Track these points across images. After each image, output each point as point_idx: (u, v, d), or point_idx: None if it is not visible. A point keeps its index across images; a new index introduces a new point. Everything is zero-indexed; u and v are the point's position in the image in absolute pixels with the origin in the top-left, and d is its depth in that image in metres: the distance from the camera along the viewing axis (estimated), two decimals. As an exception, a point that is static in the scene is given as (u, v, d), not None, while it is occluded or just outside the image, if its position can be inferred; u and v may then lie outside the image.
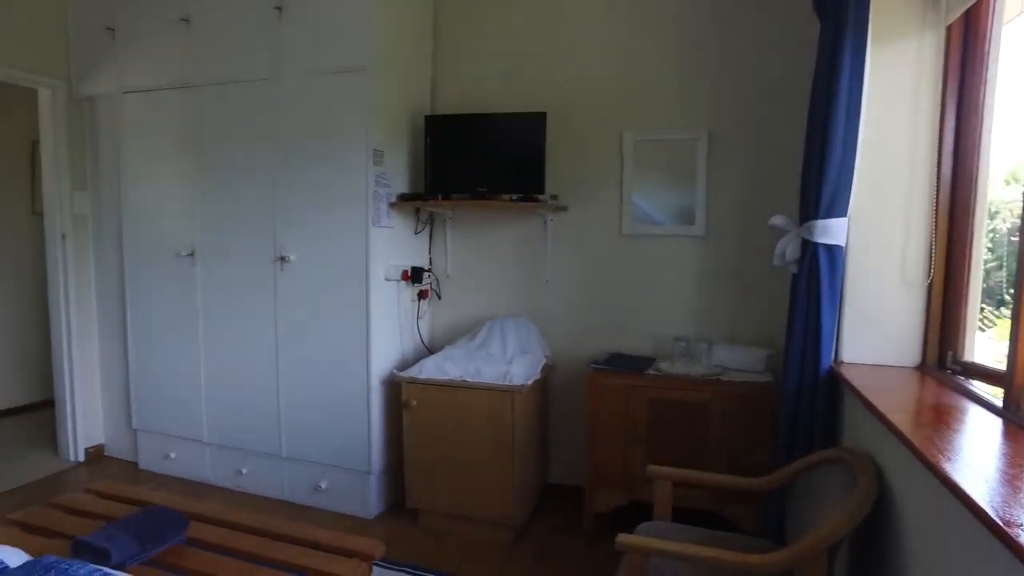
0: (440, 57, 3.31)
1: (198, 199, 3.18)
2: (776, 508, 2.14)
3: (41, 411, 4.46)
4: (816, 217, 2.04)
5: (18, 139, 4.51)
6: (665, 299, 3.01)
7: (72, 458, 3.66)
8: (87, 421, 3.68)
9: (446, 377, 2.72)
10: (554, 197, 3.02)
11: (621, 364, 2.75)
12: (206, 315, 3.22)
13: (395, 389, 2.94)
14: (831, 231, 2.02)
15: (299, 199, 2.93)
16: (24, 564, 1.47)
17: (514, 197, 2.84)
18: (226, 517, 2.00)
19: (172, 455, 3.42)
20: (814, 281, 2.08)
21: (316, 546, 1.85)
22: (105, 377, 3.67)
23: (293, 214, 2.95)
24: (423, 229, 3.25)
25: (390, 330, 3.00)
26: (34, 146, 4.52)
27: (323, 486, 3.02)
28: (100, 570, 1.42)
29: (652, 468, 1.98)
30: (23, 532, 1.87)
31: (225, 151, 3.10)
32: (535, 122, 2.88)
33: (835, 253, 2.04)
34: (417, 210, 3.17)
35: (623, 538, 1.56)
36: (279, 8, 2.91)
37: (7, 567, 1.49)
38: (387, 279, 2.93)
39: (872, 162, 2.03)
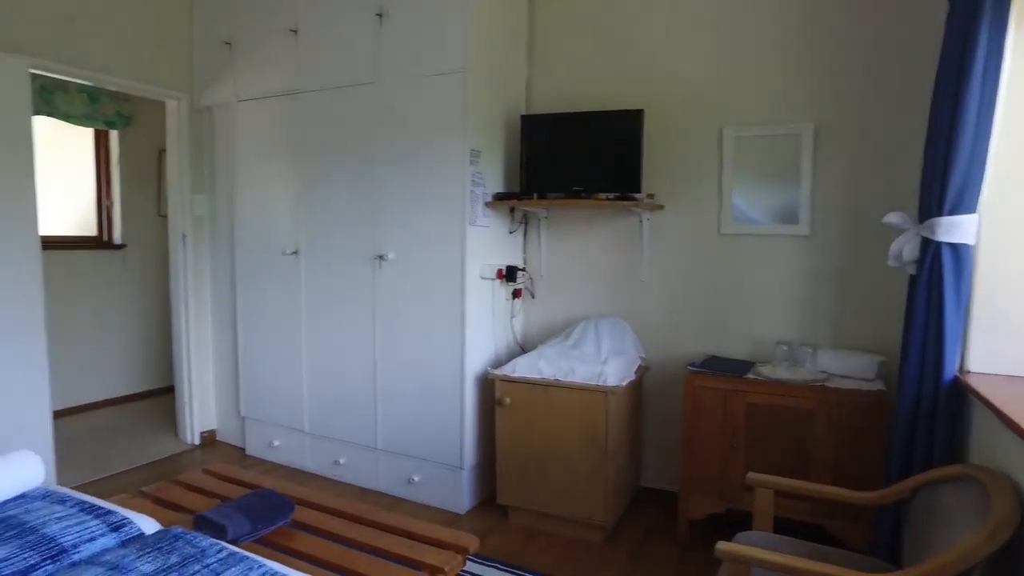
0: (535, 56, 3.32)
1: (302, 199, 3.34)
2: (889, 526, 2.01)
3: (164, 396, 4.83)
4: (940, 214, 1.89)
5: (148, 149, 4.91)
6: (765, 301, 2.89)
7: (189, 441, 3.93)
8: (202, 408, 3.95)
9: (539, 376, 2.73)
10: (650, 196, 2.96)
11: (719, 367, 2.66)
12: (309, 310, 3.38)
13: (488, 386, 2.97)
14: (958, 229, 1.87)
15: (397, 199, 3.02)
16: (156, 532, 1.60)
17: (610, 196, 2.81)
18: (327, 503, 2.09)
19: (276, 443, 3.61)
20: (936, 283, 1.92)
21: (410, 536, 1.89)
22: (217, 367, 3.93)
23: (391, 214, 3.04)
24: (518, 228, 3.28)
25: (484, 328, 3.04)
26: (160, 154, 4.92)
27: (416, 479, 3.10)
28: (218, 544, 1.52)
29: (753, 476, 1.90)
30: (153, 504, 2.04)
31: (328, 153, 3.24)
32: (632, 120, 2.83)
33: (962, 253, 1.89)
34: (512, 209, 3.20)
35: (723, 546, 1.50)
36: (380, 15, 3.01)
37: (142, 533, 1.62)
38: (482, 277, 2.97)
39: (1009, 153, 1.86)
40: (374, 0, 3.01)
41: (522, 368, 2.78)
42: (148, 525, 1.69)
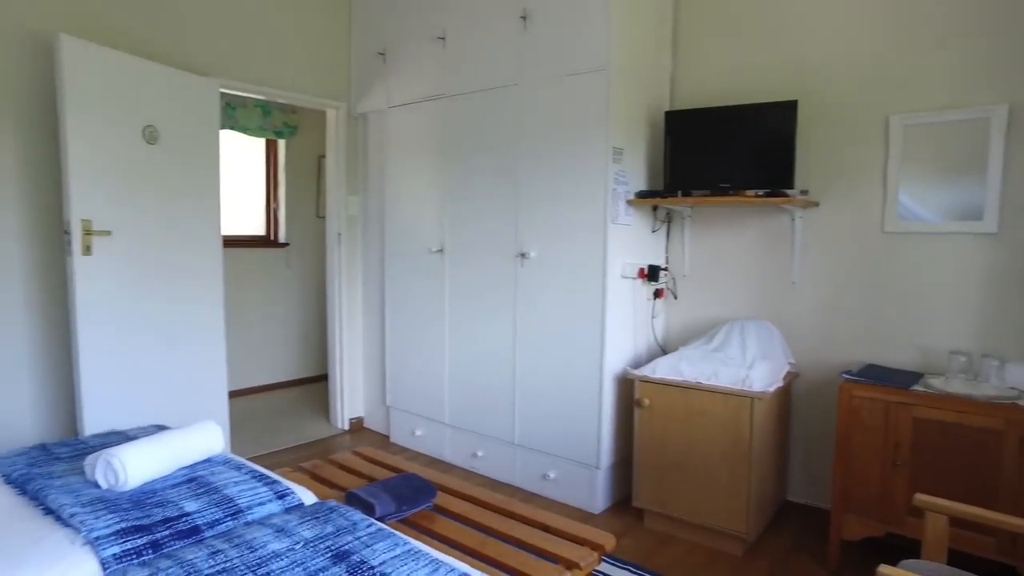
0: (679, 50, 3.23)
1: (447, 199, 3.48)
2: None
3: (318, 384, 5.24)
4: None
5: (310, 155, 5.35)
6: (937, 306, 2.61)
7: (339, 426, 4.22)
8: (351, 396, 4.23)
9: (680, 378, 2.64)
10: (804, 192, 2.78)
11: (880, 377, 2.43)
12: (452, 306, 3.51)
13: (627, 387, 2.93)
14: None
15: (540, 198, 3.06)
16: (313, 504, 1.72)
17: (760, 193, 2.67)
18: (466, 491, 2.16)
19: (418, 432, 3.78)
20: None
21: (546, 529, 1.90)
22: (366, 359, 4.19)
23: (534, 212, 3.09)
24: (661, 227, 3.20)
25: (624, 328, 3.00)
26: (320, 160, 5.34)
27: (551, 476, 3.11)
28: (367, 519, 1.61)
29: (923, 498, 1.72)
30: (310, 479, 2.21)
31: (472, 154, 3.34)
32: (784, 112, 2.67)
33: None
34: (655, 208, 3.13)
35: (888, 571, 1.37)
36: (524, 17, 3.07)
37: (302, 503, 1.76)
38: (623, 276, 2.93)
39: None
40: (518, 3, 3.07)
41: (662, 369, 2.71)
42: (307, 497, 1.84)
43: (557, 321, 3.03)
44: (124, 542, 1.49)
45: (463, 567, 1.40)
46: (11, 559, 1.40)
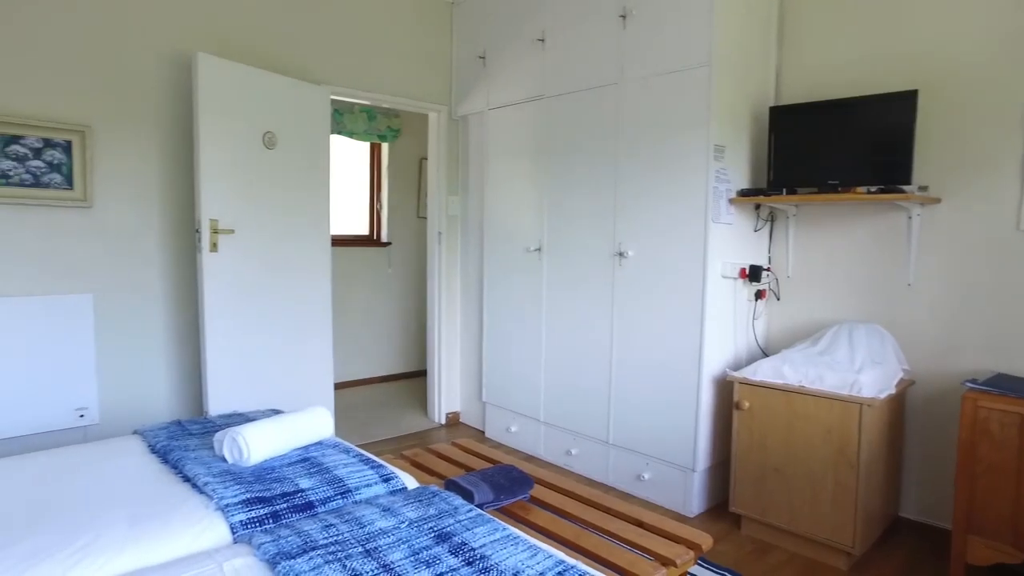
0: (786, 43, 3.11)
1: (546, 198, 3.53)
2: None
3: (416, 379, 5.43)
4: None
5: (411, 158, 5.56)
6: (1081, 313, 2.38)
7: (436, 420, 4.36)
8: (448, 391, 4.36)
9: (782, 381, 2.56)
10: (923, 188, 2.62)
11: (1012, 387, 2.25)
12: (549, 305, 3.55)
13: (726, 388, 2.86)
14: None
15: (638, 196, 3.05)
16: (416, 488, 1.81)
17: (872, 189, 2.54)
18: (562, 485, 2.19)
19: (513, 429, 3.85)
20: None
21: (641, 525, 1.90)
22: (464, 355, 4.30)
23: (632, 211, 3.08)
24: (763, 226, 3.10)
25: (724, 328, 2.93)
26: (421, 162, 5.54)
27: (645, 477, 3.09)
28: (468, 504, 1.68)
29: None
30: (411, 466, 2.31)
31: (571, 154, 3.37)
32: (902, 103, 2.52)
33: None
34: (757, 206, 3.04)
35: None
36: (623, 16, 3.06)
37: (405, 487, 1.85)
38: (724, 276, 2.87)
39: None
40: (618, 2, 3.07)
41: (764, 372, 2.63)
42: (409, 482, 1.93)
43: (655, 321, 3.00)
44: (249, 511, 1.62)
45: (559, 555, 1.43)
46: (161, 517, 1.57)
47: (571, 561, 1.39)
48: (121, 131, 3.01)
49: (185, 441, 2.10)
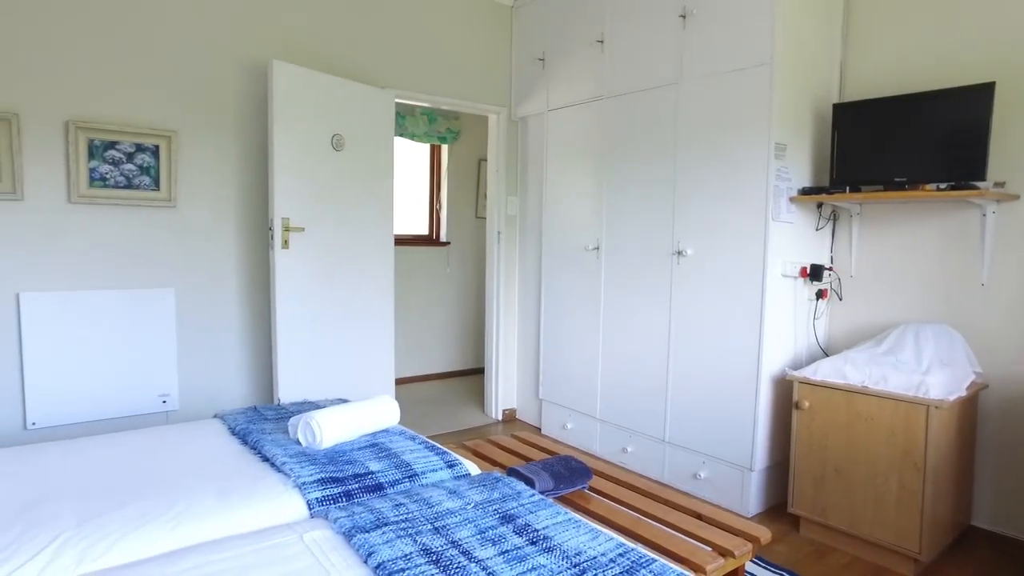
0: (851, 38, 3.06)
1: (604, 198, 3.56)
2: None
3: (472, 377, 5.54)
4: None
5: (470, 159, 5.67)
6: None
7: (493, 416, 4.45)
8: (505, 388, 4.43)
9: (844, 381, 2.53)
10: (999, 184, 2.54)
11: (1090, 391, 2.17)
12: (607, 304, 3.58)
13: (785, 388, 2.84)
14: None
15: (697, 195, 3.06)
16: (479, 474, 1.88)
17: (942, 186, 2.48)
18: (620, 477, 2.23)
19: (569, 426, 3.89)
20: None
21: (699, 517, 1.93)
22: (521, 353, 4.37)
23: (691, 210, 3.09)
24: (825, 225, 3.06)
25: (783, 327, 2.91)
26: (479, 163, 5.65)
27: (702, 475, 3.09)
28: (530, 490, 1.74)
29: None
30: (472, 455, 2.39)
31: (629, 153, 3.40)
32: (978, 96, 2.45)
33: None
34: (819, 205, 3.00)
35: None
36: (683, 16, 3.08)
37: (469, 473, 1.93)
38: (784, 275, 2.85)
39: None
40: (678, 1, 3.09)
41: (824, 371, 2.60)
42: (472, 469, 2.01)
43: (713, 319, 3.01)
44: (324, 489, 1.73)
45: (620, 539, 1.48)
46: (245, 491, 1.69)
47: (631, 544, 1.44)
48: (201, 135, 3.21)
49: (262, 425, 2.24)
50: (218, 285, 3.33)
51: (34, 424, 2.87)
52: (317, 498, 1.70)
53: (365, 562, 1.35)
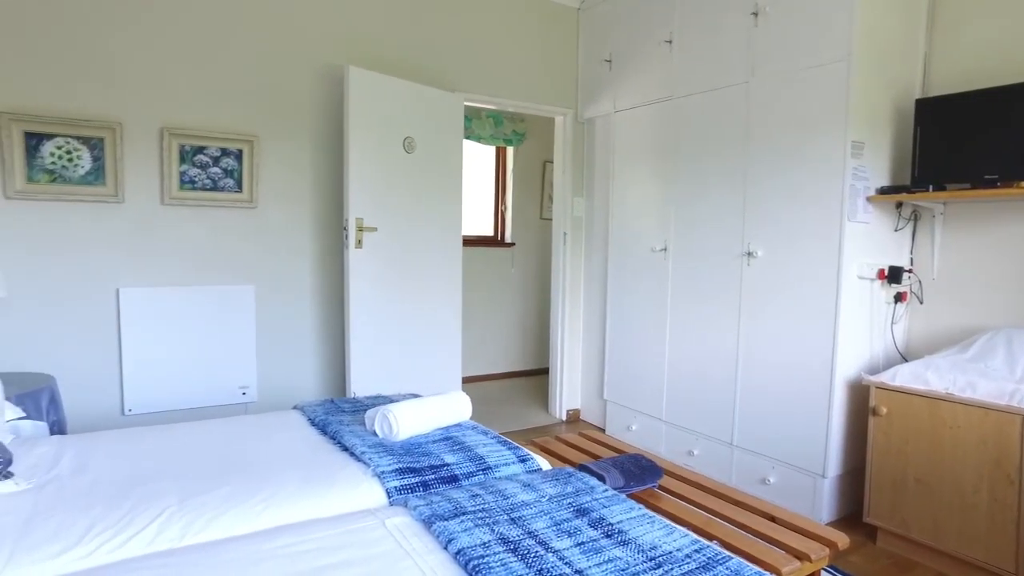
0: (937, 30, 2.94)
1: (672, 199, 3.54)
2: None
3: (535, 377, 5.57)
4: None
5: (535, 160, 5.72)
6: None
7: (557, 416, 4.47)
8: (569, 388, 4.45)
9: (926, 387, 2.44)
10: (1097, 182, 2.40)
11: None
12: (673, 305, 3.56)
13: (861, 393, 2.76)
14: None
15: (769, 196, 3.00)
16: (551, 469, 1.91)
17: (1036, 184, 2.37)
18: (691, 477, 2.22)
19: (633, 427, 3.88)
20: None
21: (772, 519, 1.90)
22: (585, 354, 4.38)
23: (762, 210, 3.04)
24: (905, 225, 2.96)
25: (859, 331, 2.82)
26: (544, 165, 5.69)
27: (771, 480, 3.03)
28: (603, 485, 1.76)
29: None
30: (540, 451, 2.42)
31: (698, 154, 3.37)
32: (1075, 90, 2.33)
33: None
34: (899, 205, 2.90)
35: None
36: (755, 13, 3.03)
37: (541, 468, 1.96)
38: (860, 278, 2.77)
39: None
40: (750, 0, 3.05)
41: (904, 377, 2.52)
42: (543, 464, 2.04)
43: (785, 321, 2.95)
44: (402, 479, 1.79)
45: (694, 536, 1.48)
46: (327, 479, 1.78)
47: (706, 542, 1.44)
48: (280, 139, 3.36)
49: (339, 417, 2.33)
50: (294, 282, 3.48)
51: (130, 410, 3.07)
52: (395, 487, 1.76)
53: (445, 548, 1.40)
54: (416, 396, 2.60)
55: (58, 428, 2.54)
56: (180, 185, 3.13)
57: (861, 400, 2.80)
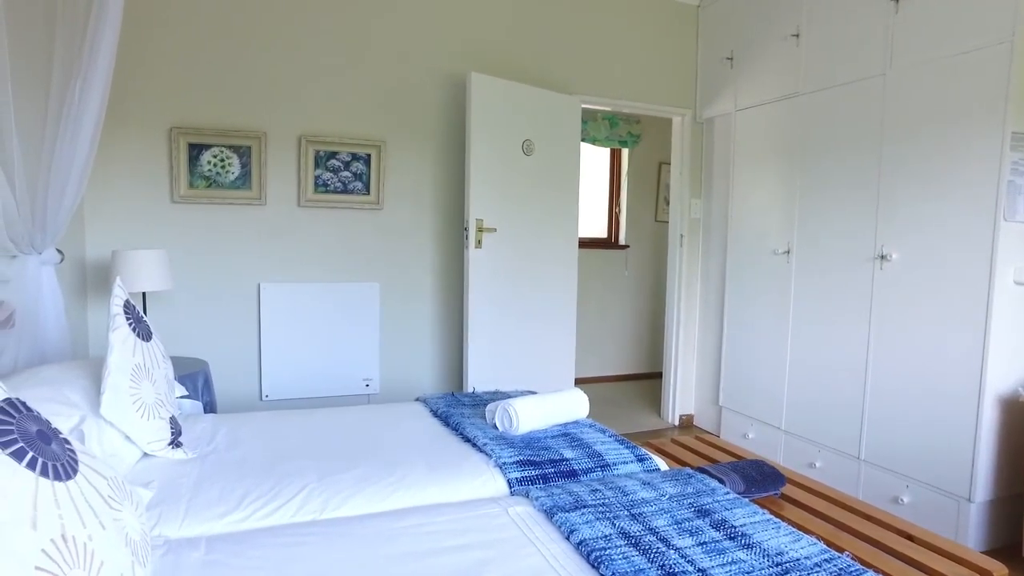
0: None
1: (796, 199, 3.39)
2: None
3: (647, 381, 5.49)
4: None
5: (650, 162, 5.65)
6: None
7: (669, 421, 4.39)
8: (683, 394, 4.36)
9: (1095, 405, 2.19)
10: None
11: None
12: (796, 310, 3.40)
13: (1018, 410, 2.52)
14: None
15: (906, 195, 2.81)
16: (670, 470, 1.90)
17: None
18: (816, 487, 2.12)
19: (750, 435, 3.74)
20: None
21: (910, 538, 1.78)
22: (700, 358, 4.28)
23: (898, 211, 2.85)
24: (1070, 225, 2.67)
25: (1015, 342, 2.58)
26: (660, 166, 5.60)
27: (904, 500, 2.82)
28: (724, 487, 1.72)
29: None
30: (657, 453, 2.40)
31: (825, 152, 3.21)
32: None
33: None
34: (1062, 203, 2.63)
35: None
36: (895, 0, 2.85)
37: (658, 468, 1.95)
38: (1017, 283, 2.53)
39: None
40: (890, -13, 2.87)
41: (1068, 393, 2.27)
42: (662, 465, 2.02)
43: (923, 329, 2.74)
44: (522, 471, 1.84)
45: (823, 545, 1.42)
46: (452, 466, 1.86)
47: (837, 552, 1.38)
48: (405, 143, 3.54)
49: (460, 409, 2.42)
50: (415, 280, 3.64)
51: (267, 396, 3.34)
52: (517, 478, 1.81)
53: (567, 538, 1.43)
54: (533, 393, 2.65)
55: (210, 408, 2.81)
56: (315, 188, 3.37)
57: (1019, 417, 2.56)
